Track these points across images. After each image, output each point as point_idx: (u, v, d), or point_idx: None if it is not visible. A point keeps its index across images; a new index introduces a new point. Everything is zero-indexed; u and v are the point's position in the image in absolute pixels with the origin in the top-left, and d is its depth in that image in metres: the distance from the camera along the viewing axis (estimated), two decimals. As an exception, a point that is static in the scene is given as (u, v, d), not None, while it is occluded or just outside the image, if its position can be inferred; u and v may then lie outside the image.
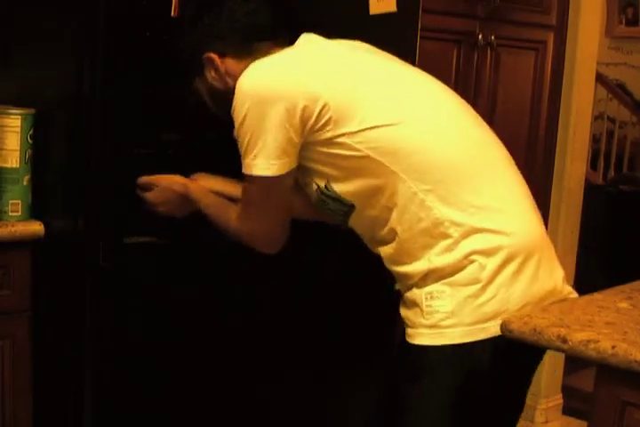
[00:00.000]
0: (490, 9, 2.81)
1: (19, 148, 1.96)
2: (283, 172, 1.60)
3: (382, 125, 1.57)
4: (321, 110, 1.56)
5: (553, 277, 1.63)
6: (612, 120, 5.62)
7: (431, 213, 1.56)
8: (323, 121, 1.57)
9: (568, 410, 3.30)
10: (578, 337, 1.34)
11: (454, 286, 1.56)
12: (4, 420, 1.97)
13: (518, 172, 1.71)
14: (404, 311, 1.66)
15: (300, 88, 1.56)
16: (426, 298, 1.58)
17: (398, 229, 1.61)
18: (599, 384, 1.37)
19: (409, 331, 1.63)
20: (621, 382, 1.32)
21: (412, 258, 1.61)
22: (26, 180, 1.99)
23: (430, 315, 1.57)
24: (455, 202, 1.56)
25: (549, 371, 3.22)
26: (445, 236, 1.56)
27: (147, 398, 1.96)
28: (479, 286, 1.55)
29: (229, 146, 1.69)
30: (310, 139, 1.60)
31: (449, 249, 1.57)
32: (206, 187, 1.85)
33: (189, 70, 1.77)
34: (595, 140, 5.15)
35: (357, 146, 1.57)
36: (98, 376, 1.91)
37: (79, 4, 1.86)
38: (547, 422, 3.25)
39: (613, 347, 1.30)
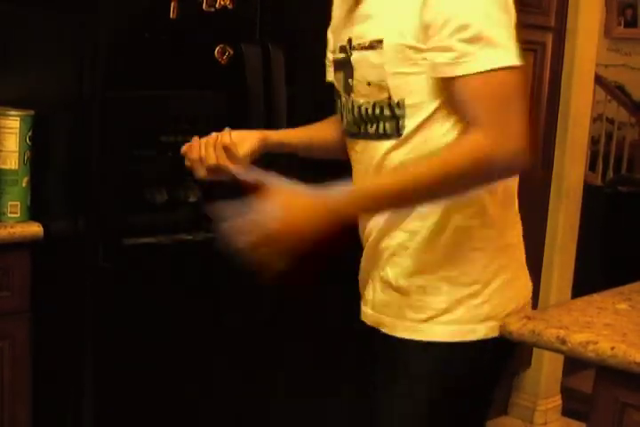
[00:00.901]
0: (489, 10, 2.80)
1: (17, 149, 1.96)
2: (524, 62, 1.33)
3: None
4: None
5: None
6: (611, 121, 5.62)
7: None
8: None
9: (567, 411, 3.29)
10: (577, 338, 1.34)
11: (454, 285, 1.45)
12: (3, 421, 1.97)
13: None
14: (387, 294, 1.51)
15: None
16: (417, 292, 1.46)
17: None
18: (598, 386, 1.37)
19: (388, 321, 1.50)
20: (620, 383, 1.32)
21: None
22: (25, 181, 1.99)
23: (421, 309, 1.45)
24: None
25: (549, 372, 3.22)
26: None
27: (147, 398, 1.96)
28: (478, 286, 1.45)
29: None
30: None
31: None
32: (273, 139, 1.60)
33: None
34: (593, 141, 5.15)
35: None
36: (98, 376, 1.91)
37: (79, 4, 1.86)
38: (546, 423, 3.25)
39: (612, 348, 1.30)
